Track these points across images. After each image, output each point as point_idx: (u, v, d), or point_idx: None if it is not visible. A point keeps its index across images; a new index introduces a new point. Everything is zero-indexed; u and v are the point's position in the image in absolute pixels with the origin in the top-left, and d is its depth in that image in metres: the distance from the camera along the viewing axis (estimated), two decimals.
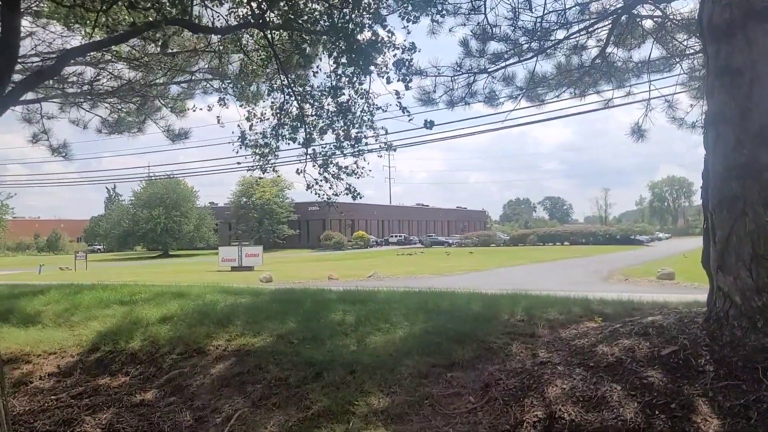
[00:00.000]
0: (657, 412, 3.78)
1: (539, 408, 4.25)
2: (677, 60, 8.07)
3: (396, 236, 77.76)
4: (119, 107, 12.01)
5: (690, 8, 7.28)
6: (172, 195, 63.38)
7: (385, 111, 8.98)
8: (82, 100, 11.43)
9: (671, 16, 7.37)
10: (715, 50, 4.70)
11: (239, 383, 5.56)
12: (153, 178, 55.92)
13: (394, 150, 9.70)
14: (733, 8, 4.52)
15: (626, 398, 4.01)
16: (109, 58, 10.34)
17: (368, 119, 9.20)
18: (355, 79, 8.36)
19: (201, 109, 10.53)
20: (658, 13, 7.47)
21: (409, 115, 8.34)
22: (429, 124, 8.43)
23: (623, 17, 7.38)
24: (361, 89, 8.93)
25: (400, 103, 8.31)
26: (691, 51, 7.78)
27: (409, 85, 8.28)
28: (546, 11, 7.12)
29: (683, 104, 8.51)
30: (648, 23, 7.74)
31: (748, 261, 4.34)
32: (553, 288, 12.21)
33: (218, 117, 10.32)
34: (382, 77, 7.91)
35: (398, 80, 7.94)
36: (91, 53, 9.91)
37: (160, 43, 8.82)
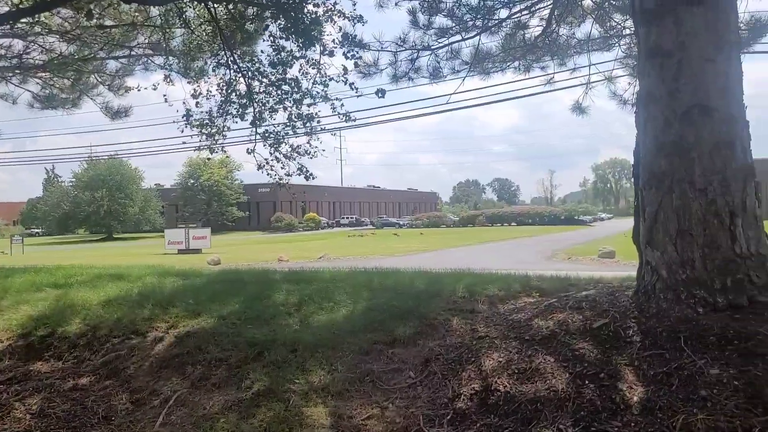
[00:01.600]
0: (587, 382, 3.92)
1: (476, 381, 4.35)
2: (616, 40, 8.28)
3: (347, 218, 77.75)
4: (52, 83, 11.49)
5: None
6: (115, 176, 61.44)
7: (337, 82, 8.83)
8: (10, 74, 10.88)
9: None
10: (645, 32, 4.82)
11: (178, 365, 5.47)
12: (95, 158, 54.07)
13: (354, 120, 9.56)
14: None
15: (558, 369, 4.14)
16: (39, 30, 9.86)
17: (322, 90, 8.99)
18: (299, 54, 8.23)
19: (146, 88, 10.15)
20: None
21: (356, 90, 8.28)
22: (381, 93, 8.37)
23: None
24: (312, 59, 8.77)
25: (346, 78, 8.24)
26: (628, 31, 7.99)
27: (358, 62, 8.22)
28: None
29: (623, 83, 8.78)
30: (588, 3, 7.92)
31: (674, 236, 4.51)
32: (499, 267, 12.46)
33: (165, 96, 9.97)
34: (325, 53, 7.82)
35: (344, 54, 7.85)
36: (20, 24, 9.43)
37: (84, 12, 8.46)
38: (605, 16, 7.89)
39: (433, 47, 7.94)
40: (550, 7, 7.64)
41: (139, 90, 11.69)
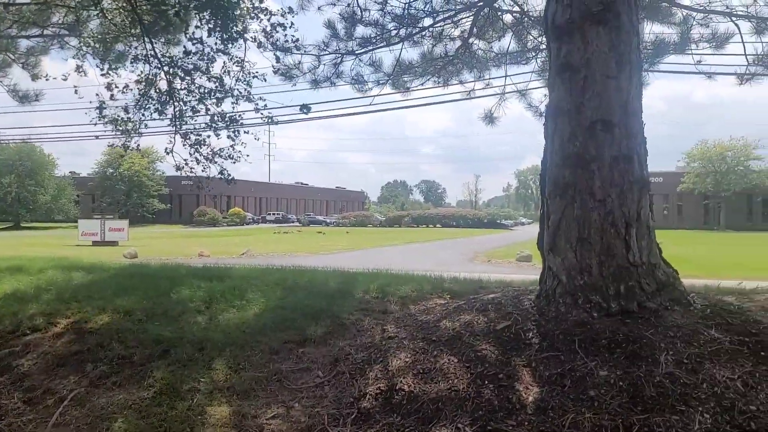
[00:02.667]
0: (486, 382, 4.06)
1: (382, 380, 4.41)
2: (533, 54, 8.60)
3: (274, 214, 76.68)
4: None
5: (543, 7, 7.75)
6: (26, 162, 57.92)
7: (264, 81, 8.67)
8: None
9: (528, 13, 7.82)
10: (556, 47, 5.04)
11: (78, 362, 5.24)
12: (3, 142, 50.84)
13: (275, 123, 9.40)
14: (573, 9, 4.86)
15: (461, 370, 4.26)
16: None
17: (245, 89, 8.79)
18: (223, 46, 8.04)
19: (55, 78, 9.57)
20: (516, 8, 7.91)
21: (290, 82, 8.11)
22: (305, 109, 8.27)
23: (485, 9, 7.72)
24: (236, 57, 8.57)
25: (277, 67, 8.08)
26: (544, 47, 8.31)
27: (278, 65, 8.10)
28: None
29: (538, 94, 9.15)
30: (508, 17, 8.18)
31: (575, 243, 4.74)
32: (421, 268, 12.65)
33: (75, 87, 9.38)
34: (255, 42, 7.69)
35: (274, 44, 7.73)
36: None
37: None
38: (523, 31, 8.18)
39: (357, 52, 7.96)
40: (472, 19, 7.83)
41: (47, 79, 11.03)
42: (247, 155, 9.37)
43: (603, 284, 4.59)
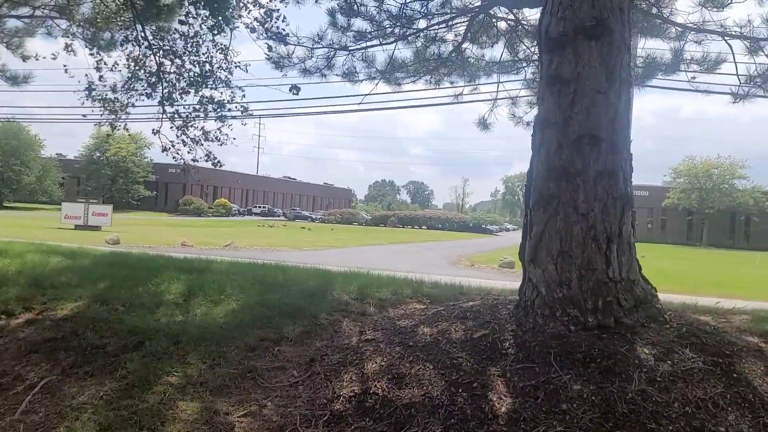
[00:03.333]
0: (461, 390, 4.06)
1: (357, 383, 4.40)
2: (524, 64, 8.64)
3: (260, 207, 76.35)
4: None
5: (537, 17, 7.79)
6: (11, 141, 57.15)
7: (246, 72, 8.72)
8: None
9: (523, 22, 7.86)
10: (548, 59, 5.05)
11: (50, 350, 5.16)
12: None
13: (251, 115, 9.40)
14: (566, 23, 4.88)
15: (436, 377, 4.26)
16: None
17: (225, 77, 8.85)
18: (213, 32, 8.03)
19: (44, 57, 9.49)
20: (511, 17, 7.93)
21: (282, 69, 8.13)
22: (294, 89, 8.28)
23: (480, 15, 7.74)
24: (221, 44, 8.59)
25: (270, 55, 8.06)
26: (536, 57, 8.34)
27: (270, 54, 8.09)
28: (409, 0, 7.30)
29: (524, 105, 9.19)
30: (502, 25, 8.20)
31: (556, 256, 4.76)
32: (404, 269, 12.65)
33: (65, 66, 9.35)
34: (248, 28, 7.67)
35: (266, 31, 7.72)
36: None
37: None
38: (516, 40, 8.21)
39: (350, 48, 7.95)
40: (466, 23, 7.84)
41: (37, 59, 10.91)
42: (234, 138, 9.45)
43: (581, 298, 4.61)
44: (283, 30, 7.89)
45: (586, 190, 4.72)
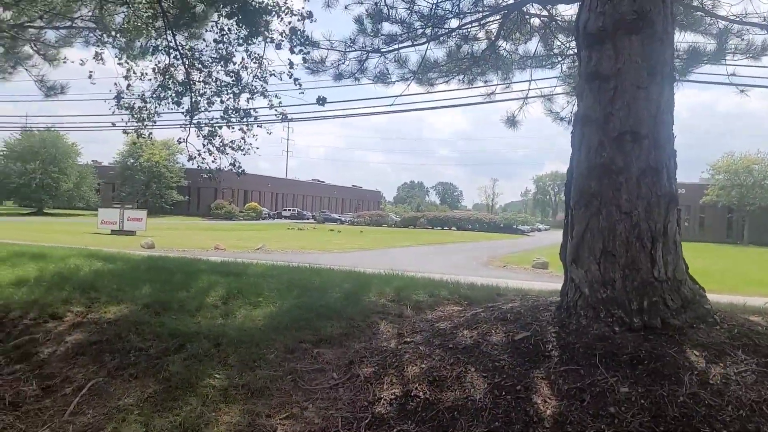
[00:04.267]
0: (504, 393, 3.99)
1: (397, 386, 4.37)
2: (558, 59, 8.51)
3: (289, 210, 76.94)
4: None
5: (572, 12, 7.68)
6: (50, 149, 58.69)
7: (281, 80, 8.79)
8: None
9: (556, 18, 7.74)
10: (587, 55, 4.95)
11: (96, 352, 5.27)
12: (30, 129, 51.60)
13: (288, 120, 9.49)
14: (606, 18, 4.77)
15: (478, 379, 4.20)
16: None
17: (261, 86, 8.92)
18: (245, 43, 8.08)
19: (72, 62, 9.72)
20: (545, 13, 7.82)
21: (300, 87, 8.20)
22: (321, 101, 8.37)
23: (513, 13, 7.64)
24: (255, 54, 8.65)
25: (291, 73, 8.13)
26: (571, 52, 8.21)
27: (306, 57, 8.14)
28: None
29: (561, 100, 9.07)
30: (536, 21, 8.09)
31: (599, 256, 4.66)
32: (436, 270, 12.58)
33: (90, 72, 9.65)
34: (273, 43, 7.72)
35: (291, 49, 7.77)
36: None
37: None
38: (551, 35, 8.09)
39: (382, 50, 7.93)
40: (500, 21, 7.76)
41: (65, 62, 11.22)
42: (257, 148, 9.56)
43: (626, 299, 4.50)
44: (309, 37, 7.97)
45: (629, 188, 4.61)
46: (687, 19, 7.46)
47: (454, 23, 7.95)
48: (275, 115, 9.01)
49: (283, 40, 8.08)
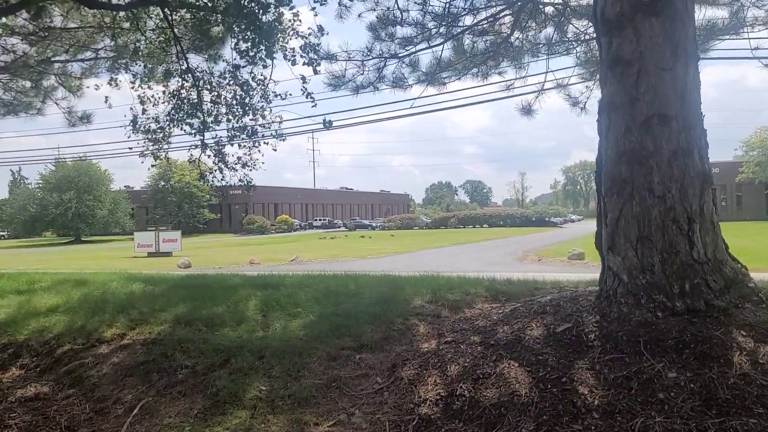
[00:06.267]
0: (549, 386, 3.97)
1: (442, 386, 4.38)
2: (574, 45, 8.43)
3: (320, 220, 77.53)
4: (11, 85, 11.28)
5: None
6: (83, 178, 60.26)
7: (287, 97, 9.04)
8: None
9: (570, 3, 7.69)
10: (607, 41, 4.91)
11: (144, 372, 5.40)
12: (62, 160, 53.02)
13: (283, 140, 9.85)
14: (624, 2, 4.73)
15: (522, 374, 4.19)
16: (0, 32, 9.71)
17: (261, 107, 9.24)
18: (258, 61, 8.29)
19: (88, 87, 10.15)
20: (559, 0, 7.78)
21: (313, 102, 8.38)
22: (327, 124, 8.61)
23: (528, 3, 7.61)
24: (259, 77, 8.92)
25: (305, 88, 8.31)
26: (587, 37, 8.13)
27: (317, 69, 8.29)
28: None
29: (578, 86, 9.02)
30: (549, 9, 8.04)
31: (635, 242, 4.61)
32: (470, 269, 12.54)
33: (106, 97, 10.07)
34: (289, 60, 7.87)
35: (305, 64, 7.92)
36: None
37: (32, 14, 8.44)
38: (565, 22, 8.04)
39: (400, 54, 7.98)
40: (514, 13, 7.73)
41: (93, 88, 11.67)
42: (263, 162, 9.92)
43: (666, 283, 4.43)
44: (323, 51, 8.18)
45: (661, 171, 4.55)
46: None
47: (468, 20, 7.97)
48: (272, 132, 9.41)
49: (295, 56, 8.27)
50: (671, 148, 4.57)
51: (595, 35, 5.38)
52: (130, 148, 10.55)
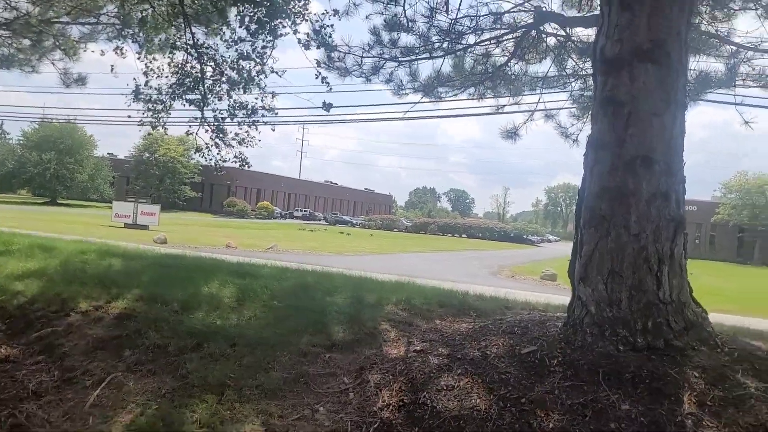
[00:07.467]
0: (509, 405, 4.14)
1: (406, 393, 4.52)
2: (570, 80, 8.67)
3: (301, 210, 77.30)
4: (11, 42, 11.22)
5: (588, 33, 7.84)
6: (66, 140, 59.38)
7: (282, 75, 9.15)
8: None
9: (572, 38, 7.90)
10: (603, 80, 5.10)
11: (116, 347, 5.47)
12: (49, 120, 52.28)
13: (276, 114, 9.97)
14: (623, 45, 4.92)
15: (484, 391, 4.35)
16: None
17: (264, 85, 9.34)
18: (262, 40, 8.44)
19: (102, 52, 10.17)
20: (561, 32, 7.98)
21: (328, 86, 8.50)
22: (327, 107, 8.72)
23: (531, 31, 7.80)
24: (260, 50, 9.03)
25: (319, 72, 8.41)
26: (584, 73, 8.36)
27: (330, 55, 8.42)
28: (460, 15, 7.45)
29: (569, 119, 9.28)
30: (551, 41, 8.25)
31: (606, 276, 4.80)
32: (446, 278, 12.72)
33: (112, 66, 10.13)
34: (303, 45, 8.00)
35: (317, 47, 8.05)
36: None
37: None
38: (565, 55, 8.25)
39: (400, 59, 8.12)
40: (517, 39, 7.92)
41: (85, 51, 11.70)
42: (259, 140, 10.08)
43: (631, 318, 4.63)
44: (332, 42, 8.30)
45: (639, 211, 4.75)
46: (701, 45, 7.59)
47: (471, 39, 8.13)
48: (265, 111, 9.52)
49: (309, 41, 8.39)
50: (651, 190, 4.77)
51: (592, 72, 5.57)
52: (129, 116, 10.55)
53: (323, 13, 8.34)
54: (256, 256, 13.50)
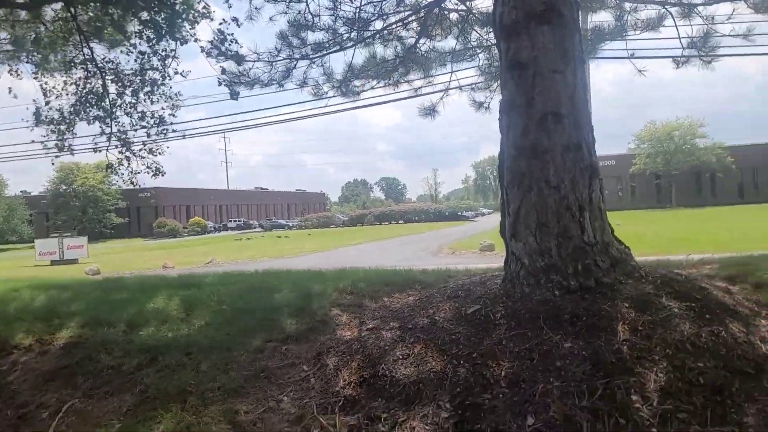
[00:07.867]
0: (462, 362, 4.36)
1: (365, 369, 4.67)
2: (477, 51, 9.01)
3: (235, 221, 76.03)
4: None
5: (487, 4, 8.22)
6: None
7: (186, 76, 9.11)
8: None
9: (473, 11, 8.22)
10: (506, 46, 5.39)
11: (68, 375, 5.36)
12: None
13: (178, 108, 10.01)
14: (518, 10, 5.22)
15: (438, 353, 4.56)
16: None
17: (160, 87, 9.31)
18: (162, 51, 8.38)
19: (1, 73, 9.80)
20: (462, 7, 8.29)
21: (236, 96, 8.46)
22: (234, 95, 8.70)
23: (434, 9, 8.06)
24: (161, 53, 8.97)
25: (223, 79, 8.38)
26: (488, 43, 8.72)
27: (240, 68, 8.38)
28: (364, 2, 7.59)
29: (481, 90, 9.64)
30: (454, 16, 8.55)
31: (534, 228, 5.10)
32: (388, 265, 12.94)
33: (9, 88, 9.84)
34: (205, 53, 7.97)
35: (224, 60, 8.02)
36: None
37: None
38: (468, 28, 8.56)
39: (311, 57, 8.20)
40: (421, 19, 8.16)
41: None
42: (167, 147, 10.05)
43: (562, 264, 4.95)
44: (237, 50, 8.30)
45: (555, 165, 5.06)
46: (591, 2, 8.06)
47: (378, 25, 8.31)
48: (165, 108, 9.58)
49: (212, 50, 8.33)
50: (563, 144, 5.09)
51: (495, 42, 5.84)
52: (33, 141, 10.22)
53: (221, 22, 8.29)
54: (197, 273, 13.29)
